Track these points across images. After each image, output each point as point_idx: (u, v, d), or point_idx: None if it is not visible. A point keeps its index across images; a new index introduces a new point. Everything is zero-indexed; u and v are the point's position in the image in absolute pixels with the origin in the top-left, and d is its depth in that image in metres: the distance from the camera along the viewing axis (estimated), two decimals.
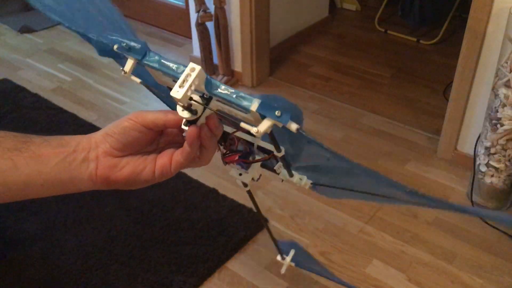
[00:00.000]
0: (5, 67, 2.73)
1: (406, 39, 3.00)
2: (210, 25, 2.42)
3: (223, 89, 0.54)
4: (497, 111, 1.63)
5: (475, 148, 1.78)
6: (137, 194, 1.86)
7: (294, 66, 2.73)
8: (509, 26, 1.54)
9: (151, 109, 0.63)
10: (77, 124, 2.26)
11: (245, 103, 0.53)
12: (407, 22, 3.04)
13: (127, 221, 1.75)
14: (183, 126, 0.56)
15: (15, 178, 0.56)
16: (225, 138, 0.67)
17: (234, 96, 0.54)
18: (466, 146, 1.96)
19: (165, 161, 0.59)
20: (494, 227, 1.72)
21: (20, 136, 0.59)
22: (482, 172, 1.77)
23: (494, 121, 1.65)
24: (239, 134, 0.68)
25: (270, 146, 0.68)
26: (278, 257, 1.21)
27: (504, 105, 1.60)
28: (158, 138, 0.61)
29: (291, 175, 0.79)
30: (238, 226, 1.72)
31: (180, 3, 2.98)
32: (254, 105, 0.53)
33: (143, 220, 1.75)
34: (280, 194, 1.88)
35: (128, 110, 2.35)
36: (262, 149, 0.69)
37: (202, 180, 1.93)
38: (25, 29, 3.10)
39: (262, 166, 0.79)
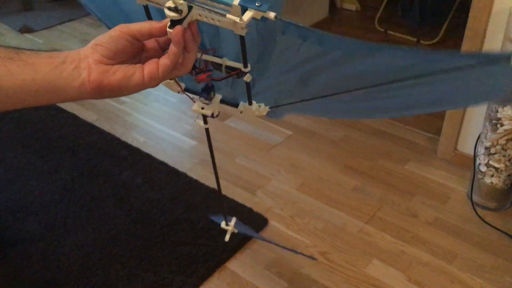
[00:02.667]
0: None
1: (406, 39, 3.00)
2: None
3: None
4: (497, 111, 1.63)
5: (475, 148, 1.78)
6: (137, 194, 1.86)
7: None
8: (509, 26, 1.54)
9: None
10: (77, 124, 2.26)
11: None
12: (407, 22, 3.04)
13: (127, 221, 1.75)
14: (168, 29, 0.62)
15: (11, 84, 0.60)
16: (195, 65, 0.75)
17: None
18: (466, 146, 1.96)
19: (153, 66, 0.64)
20: (494, 227, 1.72)
21: (12, 48, 0.63)
22: (482, 172, 1.77)
23: (494, 121, 1.65)
24: (209, 57, 0.75)
25: (237, 65, 0.74)
26: (223, 224, 1.28)
27: (504, 105, 1.60)
28: (140, 53, 0.66)
29: (250, 103, 0.85)
30: None
31: None
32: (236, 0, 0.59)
33: (143, 220, 1.75)
34: (280, 194, 1.88)
35: (128, 110, 2.35)
36: (229, 68, 0.76)
37: (202, 180, 1.93)
38: (25, 29, 3.10)
39: (222, 102, 0.88)
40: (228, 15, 0.60)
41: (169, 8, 0.60)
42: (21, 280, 1.55)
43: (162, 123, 2.27)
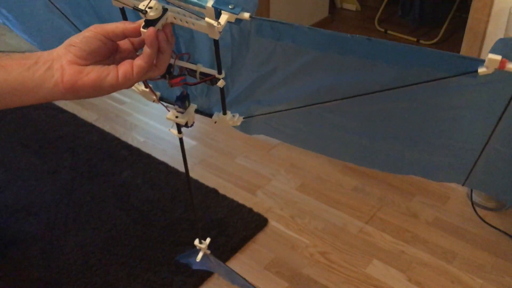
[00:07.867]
0: None
1: (406, 39, 3.00)
2: None
3: None
4: None
5: None
6: (137, 194, 1.86)
7: None
8: (509, 26, 1.54)
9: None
10: (77, 124, 2.26)
11: (201, 1, 0.61)
12: (407, 22, 3.04)
13: (127, 221, 1.75)
14: (141, 29, 0.62)
15: None
16: (170, 71, 0.75)
17: None
18: None
19: (127, 67, 0.63)
20: (494, 227, 1.72)
21: None
22: None
23: None
24: (183, 64, 0.76)
25: (212, 71, 0.75)
26: (196, 242, 1.25)
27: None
28: (114, 53, 0.66)
29: (225, 113, 0.84)
30: (238, 226, 1.72)
31: None
32: (210, 1, 0.60)
33: (143, 220, 1.75)
34: (280, 194, 1.88)
35: (128, 110, 2.35)
36: (203, 75, 0.76)
37: (202, 180, 1.93)
38: None
39: (197, 112, 0.87)
40: (207, 19, 0.61)
41: (134, 8, 0.62)
42: (21, 280, 1.55)
43: (162, 123, 2.27)
